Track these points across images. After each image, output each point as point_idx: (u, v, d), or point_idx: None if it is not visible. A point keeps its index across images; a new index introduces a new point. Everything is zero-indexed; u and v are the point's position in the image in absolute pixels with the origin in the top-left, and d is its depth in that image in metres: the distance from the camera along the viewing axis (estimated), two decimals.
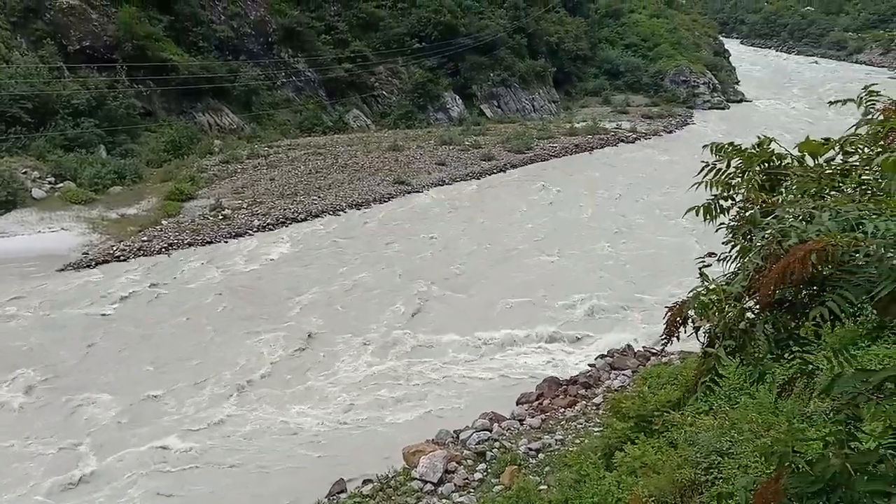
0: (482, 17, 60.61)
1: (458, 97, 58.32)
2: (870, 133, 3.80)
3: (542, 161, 48.59)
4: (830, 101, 5.03)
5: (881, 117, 3.90)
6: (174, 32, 46.64)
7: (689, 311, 4.04)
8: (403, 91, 56.05)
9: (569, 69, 67.72)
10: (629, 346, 22.62)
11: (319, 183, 39.87)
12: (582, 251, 32.19)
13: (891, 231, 3.26)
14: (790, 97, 73.08)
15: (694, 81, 69.62)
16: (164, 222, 33.20)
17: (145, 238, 31.36)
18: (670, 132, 58.51)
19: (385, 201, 38.87)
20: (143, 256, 30.02)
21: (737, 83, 77.28)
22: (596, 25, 73.67)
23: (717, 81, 71.68)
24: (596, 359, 22.45)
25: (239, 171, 40.90)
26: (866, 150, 3.87)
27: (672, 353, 18.92)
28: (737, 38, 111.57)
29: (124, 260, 29.52)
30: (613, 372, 21.46)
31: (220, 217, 34.00)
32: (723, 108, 68.32)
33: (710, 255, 4.41)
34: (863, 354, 11.91)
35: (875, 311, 3.59)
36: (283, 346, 22.65)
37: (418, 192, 40.78)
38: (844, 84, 78.14)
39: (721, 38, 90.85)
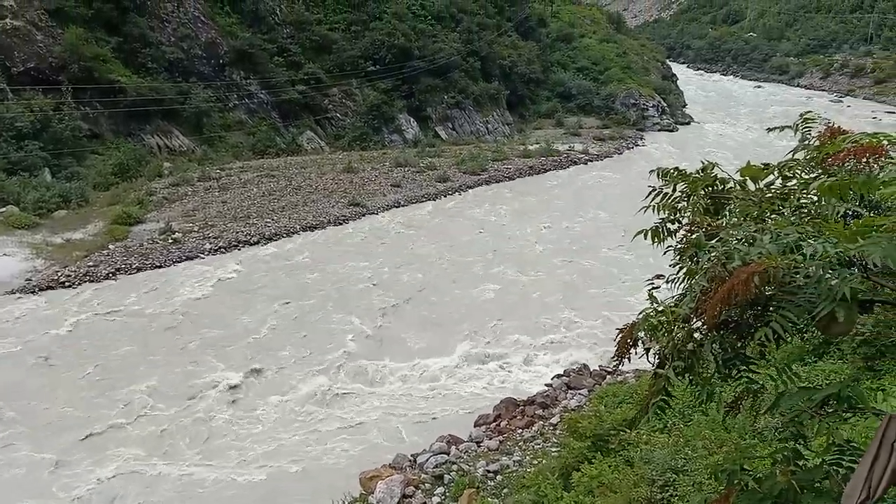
0: (436, 41, 61.16)
1: (412, 119, 58.57)
2: (806, 158, 3.94)
3: (496, 182, 49.00)
4: (769, 128, 5.20)
5: (817, 143, 4.04)
6: (123, 54, 45.93)
7: (639, 333, 4.11)
8: (358, 113, 56.06)
9: (522, 92, 68.65)
10: (585, 365, 22.81)
11: (273, 205, 39.47)
12: (537, 271, 32.45)
13: (828, 253, 3.37)
14: (736, 120, 75.31)
15: (643, 104, 71.23)
16: (111, 246, 32.40)
17: (91, 263, 30.55)
18: (621, 153, 59.64)
19: (340, 223, 38.66)
20: (89, 282, 29.21)
21: (684, 106, 79.30)
22: (548, 49, 74.94)
23: (665, 104, 73.45)
24: (552, 378, 22.56)
25: (190, 193, 40.25)
26: (804, 174, 4.01)
27: (627, 372, 19.15)
28: (683, 62, 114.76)
29: (70, 286, 28.67)
30: (570, 391, 21.59)
31: (170, 241, 33.35)
32: (672, 131, 69.97)
33: (659, 277, 4.50)
34: (810, 370, 12.25)
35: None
36: (230, 375, 22.17)
37: (373, 213, 40.68)
38: (787, 108, 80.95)
39: (668, 63, 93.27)
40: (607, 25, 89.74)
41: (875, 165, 3.26)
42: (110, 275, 29.90)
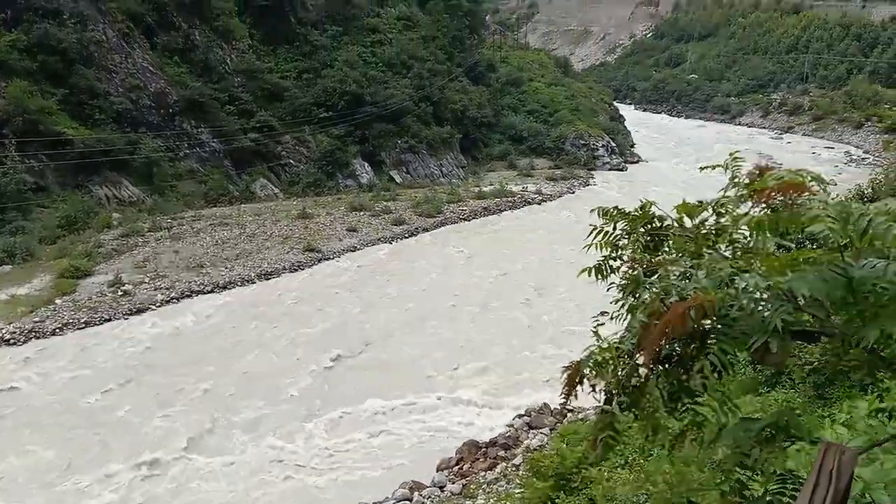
0: (388, 87, 61.90)
1: (367, 164, 58.85)
2: (737, 195, 4.08)
3: (452, 224, 49.34)
4: (701, 167, 5.38)
5: (747, 180, 4.19)
6: (69, 105, 45.28)
7: (585, 370, 4.16)
8: (311, 159, 56.11)
9: (474, 135, 69.70)
10: (546, 404, 22.83)
11: (227, 254, 38.98)
12: (495, 311, 32.57)
13: (759, 286, 3.48)
14: (682, 158, 77.49)
15: (593, 145, 72.89)
16: (58, 301, 31.48)
17: (37, 319, 29.60)
18: (573, 193, 60.73)
19: (295, 270, 38.34)
20: (35, 339, 28.26)
21: (633, 146, 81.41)
22: (498, 93, 76.46)
23: (614, 144, 75.28)
24: (514, 419, 22.51)
25: (140, 244, 39.50)
26: (735, 210, 4.15)
27: (588, 409, 19.20)
28: (630, 103, 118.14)
29: (14, 343, 27.69)
30: (532, 431, 21.56)
31: (120, 293, 32.57)
32: (621, 170, 71.63)
33: (603, 313, 4.58)
34: (763, 400, 12.48)
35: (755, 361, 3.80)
36: (181, 432, 21.58)
37: (329, 258, 40.49)
38: (730, 145, 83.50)
39: (616, 104, 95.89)
40: (555, 70, 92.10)
41: (798, 202, 3.40)
42: (57, 330, 29.01)
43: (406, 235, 45.97)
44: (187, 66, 53.67)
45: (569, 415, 21.50)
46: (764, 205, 3.64)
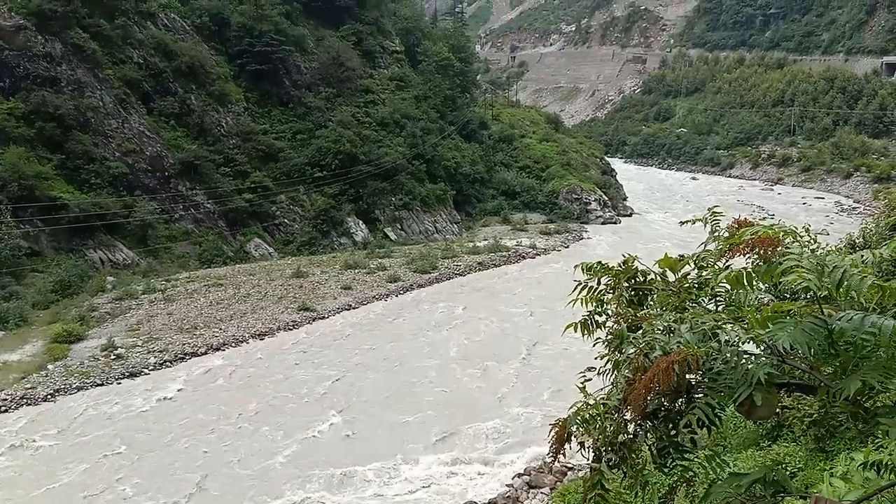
0: (381, 146, 62.72)
1: (361, 222, 59.17)
2: (717, 249, 4.13)
3: (447, 280, 49.32)
4: (681, 221, 5.44)
5: (726, 234, 4.25)
6: (65, 170, 45.74)
7: (573, 427, 4.12)
8: (306, 218, 56.43)
9: (468, 191, 70.34)
10: (545, 462, 22.45)
11: (220, 315, 38.80)
12: (490, 367, 32.30)
13: (741, 339, 3.50)
14: (675, 210, 78.13)
15: (586, 199, 73.55)
16: (50, 367, 31.16)
17: (29, 385, 29.24)
18: (567, 247, 60.97)
19: (290, 329, 38.13)
20: (26, 405, 27.88)
21: (625, 199, 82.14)
22: (491, 150, 77.45)
23: (607, 198, 75.96)
24: (513, 478, 22.12)
25: (134, 307, 39.34)
26: (716, 264, 4.19)
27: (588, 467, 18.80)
28: (621, 157, 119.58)
29: (5, 411, 27.29)
30: (532, 490, 21.16)
31: (113, 357, 32.28)
32: (615, 223, 72.10)
33: (590, 369, 4.57)
34: (764, 454, 12.28)
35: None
36: None
37: (324, 317, 40.31)
38: (721, 197, 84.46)
39: (607, 158, 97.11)
40: (546, 126, 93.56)
41: (773, 255, 3.44)
42: (49, 396, 28.64)
43: (401, 292, 45.90)
44: (183, 130, 54.46)
45: (569, 472, 21.13)
46: (755, 256, 3.68)
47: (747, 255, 3.77)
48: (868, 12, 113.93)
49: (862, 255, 3.32)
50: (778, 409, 3.68)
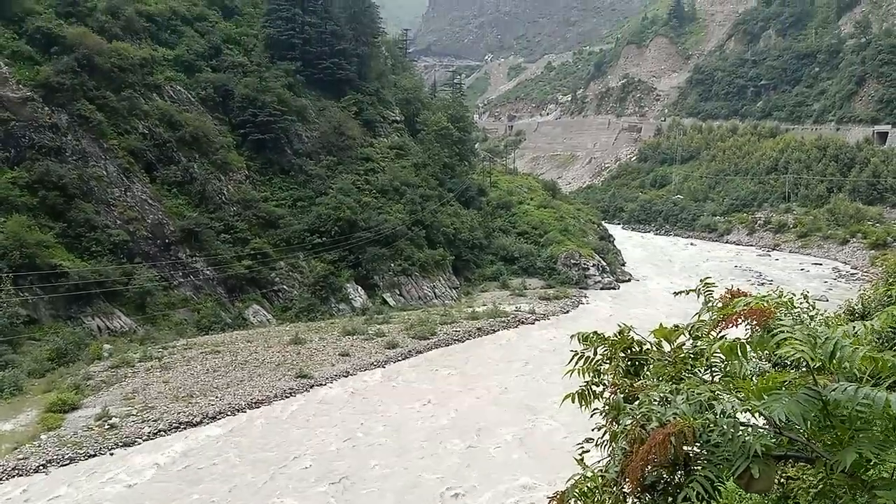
0: (381, 212, 63.34)
1: (360, 288, 59.20)
2: (711, 319, 4.15)
3: (446, 346, 49.02)
4: (675, 292, 5.49)
5: (720, 304, 4.28)
6: (67, 238, 46.05)
7: (571, 500, 4.06)
8: (305, 284, 56.47)
9: (467, 256, 70.66)
10: None
11: (217, 382, 38.40)
12: (490, 437, 31.79)
13: (737, 410, 3.49)
14: (673, 275, 78.29)
15: (584, 264, 73.82)
16: (43, 437, 30.67)
17: (21, 456, 28.73)
18: (567, 312, 60.83)
19: (287, 397, 37.67)
20: (18, 476, 27.35)
21: (623, 264, 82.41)
22: (489, 216, 78.23)
23: (605, 263, 76.25)
24: None
25: (130, 375, 38.97)
26: (711, 334, 4.20)
27: None
28: (618, 223, 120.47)
29: None
30: None
31: (107, 427, 31.80)
32: (613, 289, 72.14)
33: (588, 440, 4.53)
34: None
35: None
36: None
37: (321, 385, 39.88)
38: (719, 263, 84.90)
39: (605, 225, 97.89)
40: (543, 192, 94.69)
41: (766, 326, 3.47)
42: (40, 468, 28.11)
43: (399, 359, 45.55)
44: (185, 198, 55.06)
45: None
46: (749, 326, 3.70)
47: (742, 325, 3.80)
48: (857, 83, 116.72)
49: (854, 327, 3.35)
50: (783, 480, 3.64)
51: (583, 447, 4.48)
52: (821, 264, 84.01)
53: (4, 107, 47.57)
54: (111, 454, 29.71)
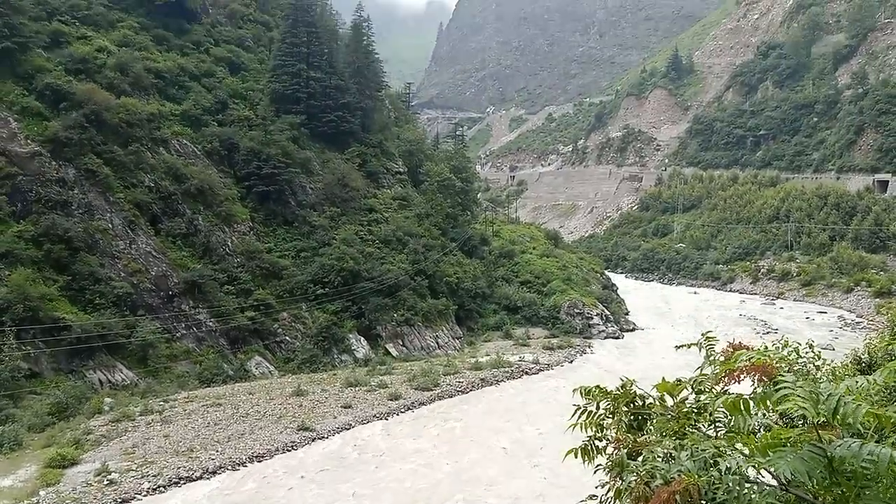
0: (384, 262, 63.48)
1: (362, 338, 58.93)
2: (714, 374, 4.15)
3: (449, 398, 48.50)
4: (677, 346, 5.48)
5: (722, 358, 4.28)
6: (71, 291, 46.10)
7: None
8: (308, 335, 56.26)
9: (470, 306, 70.49)
10: None
11: (218, 436, 37.93)
12: (497, 491, 31.21)
13: (741, 467, 3.45)
14: (677, 324, 77.91)
15: (588, 313, 73.48)
16: (42, 493, 30.19)
17: None
18: (571, 362, 60.34)
19: (288, 450, 37.13)
20: None
21: (627, 313, 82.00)
22: (492, 265, 78.31)
23: (609, 312, 75.91)
24: None
25: (130, 429, 38.53)
26: (714, 389, 4.19)
27: None
28: (621, 272, 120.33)
29: None
30: None
31: (106, 483, 31.31)
32: (617, 338, 71.66)
33: (591, 497, 4.47)
34: None
35: None
36: None
37: (324, 437, 39.37)
38: (723, 311, 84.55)
39: (608, 274, 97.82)
40: (546, 242, 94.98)
41: (767, 382, 3.46)
42: None
43: (402, 410, 45.04)
44: (189, 250, 55.31)
45: None
46: (753, 381, 3.69)
47: (745, 379, 3.79)
48: (856, 133, 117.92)
49: (857, 381, 3.34)
50: None
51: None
52: (825, 312, 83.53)
53: (13, 162, 48.23)
54: None
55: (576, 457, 4.72)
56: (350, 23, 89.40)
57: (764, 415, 4.13)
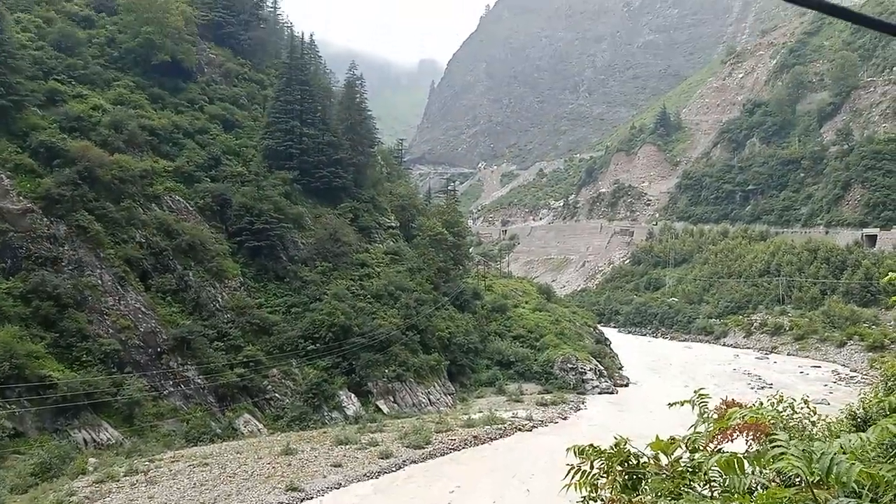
0: (375, 317, 63.11)
1: (353, 395, 58.12)
2: (707, 432, 4.08)
3: (441, 456, 47.65)
4: (669, 404, 5.42)
5: (716, 415, 4.22)
6: (58, 348, 45.52)
7: None
8: (297, 392, 55.46)
9: (462, 361, 69.90)
10: None
11: (204, 497, 36.98)
12: None
13: None
14: (671, 378, 77.31)
15: (581, 368, 72.93)
16: None
17: None
18: (565, 418, 59.59)
19: None
20: None
21: (621, 368, 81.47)
22: (484, 320, 78.01)
23: (602, 367, 75.37)
24: None
25: (114, 490, 37.53)
26: (708, 447, 4.12)
27: None
28: (614, 326, 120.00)
29: None
30: None
31: None
32: (611, 393, 71.00)
33: None
34: None
35: None
36: None
37: (312, 497, 38.47)
38: (716, 366, 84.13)
39: (600, 328, 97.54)
40: (538, 296, 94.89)
41: (761, 441, 3.41)
42: None
43: (393, 469, 44.16)
44: (179, 306, 54.89)
45: None
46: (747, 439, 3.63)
47: (738, 437, 3.73)
48: (843, 188, 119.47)
49: (850, 439, 3.29)
50: None
51: None
52: (819, 367, 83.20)
53: (4, 218, 48.18)
54: None
55: None
56: (344, 80, 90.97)
57: (761, 472, 4.05)
